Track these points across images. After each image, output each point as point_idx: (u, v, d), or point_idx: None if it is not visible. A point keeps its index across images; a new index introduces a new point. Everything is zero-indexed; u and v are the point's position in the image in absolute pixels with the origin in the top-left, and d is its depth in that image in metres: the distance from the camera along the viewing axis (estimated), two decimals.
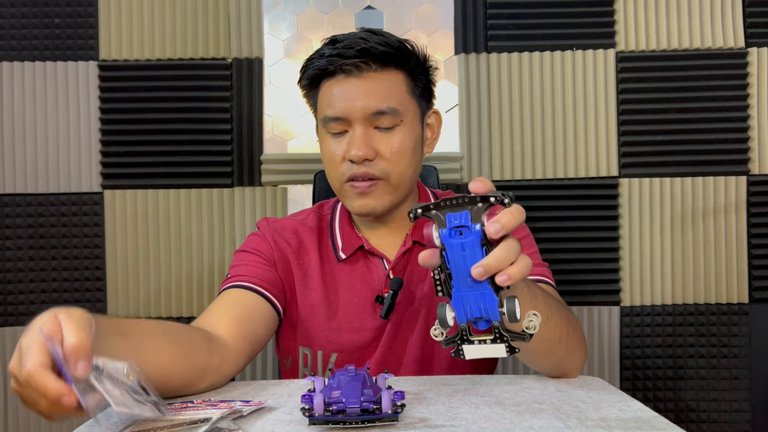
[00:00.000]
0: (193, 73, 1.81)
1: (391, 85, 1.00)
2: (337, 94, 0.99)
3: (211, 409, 0.70)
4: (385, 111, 0.98)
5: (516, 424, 0.67)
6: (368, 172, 0.98)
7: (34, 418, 1.78)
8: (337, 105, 0.99)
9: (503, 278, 0.59)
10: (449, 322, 0.61)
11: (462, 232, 0.60)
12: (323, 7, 1.87)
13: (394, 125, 1.00)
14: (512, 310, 0.59)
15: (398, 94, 1.00)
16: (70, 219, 1.79)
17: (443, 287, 0.62)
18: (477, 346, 0.61)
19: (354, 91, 0.98)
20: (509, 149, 1.79)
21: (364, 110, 0.98)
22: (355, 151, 0.97)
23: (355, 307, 1.04)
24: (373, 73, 0.99)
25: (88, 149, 1.80)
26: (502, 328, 0.61)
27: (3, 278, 1.78)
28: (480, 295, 0.60)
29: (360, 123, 0.99)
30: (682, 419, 1.79)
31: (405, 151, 1.00)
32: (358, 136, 0.98)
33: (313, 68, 1.02)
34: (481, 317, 0.61)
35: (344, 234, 1.08)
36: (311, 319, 1.05)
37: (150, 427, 0.64)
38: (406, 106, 1.01)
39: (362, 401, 0.65)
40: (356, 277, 1.05)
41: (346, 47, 0.98)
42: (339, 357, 1.03)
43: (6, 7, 1.79)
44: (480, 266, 0.59)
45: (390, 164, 0.99)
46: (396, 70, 1.01)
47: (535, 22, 1.79)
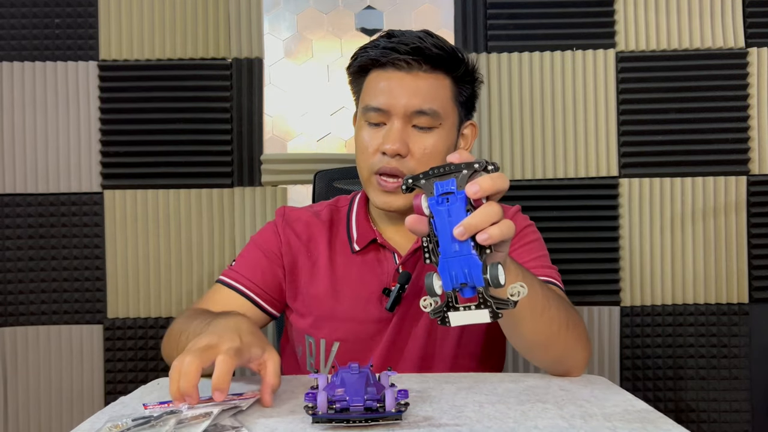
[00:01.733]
0: (193, 73, 1.81)
1: (437, 88, 1.02)
2: (383, 86, 1.01)
3: (208, 404, 0.70)
4: (426, 111, 1.00)
5: (520, 423, 0.67)
6: (398, 168, 1.00)
7: (34, 417, 1.78)
8: (381, 96, 1.01)
9: (484, 237, 0.60)
10: (436, 290, 0.62)
11: (448, 199, 0.62)
12: (323, 7, 1.87)
13: (432, 127, 1.02)
14: (495, 274, 0.60)
15: (442, 99, 1.02)
16: (70, 219, 1.79)
17: (431, 255, 0.63)
18: (462, 312, 0.62)
19: (400, 87, 1.00)
20: (509, 149, 1.79)
21: (406, 107, 1.00)
22: (390, 145, 0.99)
23: (362, 298, 1.06)
24: (423, 73, 1.01)
25: (88, 149, 1.80)
26: (486, 293, 0.61)
27: (3, 278, 1.77)
28: (465, 260, 0.61)
29: (399, 118, 1.00)
30: (682, 419, 1.79)
31: (437, 154, 1.02)
32: (395, 131, 1.00)
33: (366, 56, 1.04)
34: (466, 283, 0.61)
35: (360, 227, 1.10)
36: (316, 308, 1.07)
37: (153, 422, 0.64)
38: (447, 112, 1.03)
39: (366, 400, 0.65)
40: (367, 269, 1.07)
41: (402, 43, 1.00)
42: (342, 346, 1.05)
43: (6, 7, 1.79)
44: (461, 226, 0.60)
45: (419, 164, 1.00)
46: (444, 75, 1.03)
47: (535, 22, 1.79)
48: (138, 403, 0.75)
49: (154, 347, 1.79)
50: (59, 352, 1.79)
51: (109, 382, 1.79)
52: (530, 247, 1.06)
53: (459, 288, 0.62)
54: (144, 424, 0.64)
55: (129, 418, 0.65)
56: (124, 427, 0.63)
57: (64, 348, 1.79)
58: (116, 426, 0.64)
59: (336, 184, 1.45)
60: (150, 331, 1.79)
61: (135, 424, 0.63)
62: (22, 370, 1.78)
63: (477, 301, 0.62)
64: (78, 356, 1.79)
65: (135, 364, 1.80)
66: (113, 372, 1.79)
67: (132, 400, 0.78)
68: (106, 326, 1.79)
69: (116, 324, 1.79)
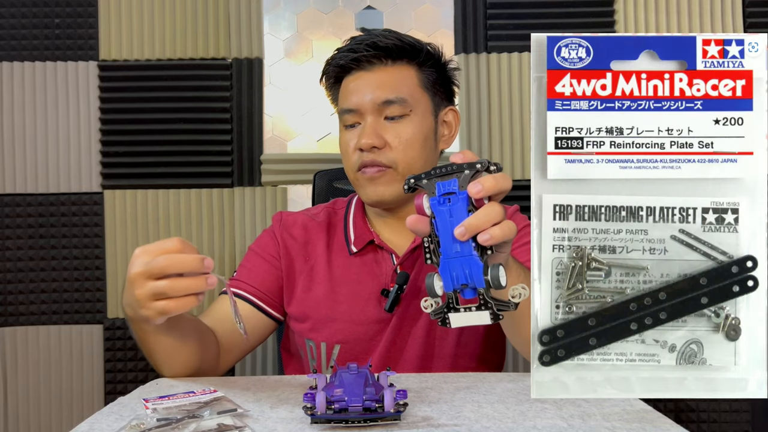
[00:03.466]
0: (193, 73, 1.81)
1: (401, 77, 1.05)
2: (351, 88, 1.05)
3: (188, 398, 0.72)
4: (393, 100, 1.03)
5: (519, 424, 0.67)
6: (376, 160, 1.02)
7: (34, 417, 1.78)
8: (351, 97, 1.05)
9: (485, 237, 0.60)
10: (437, 291, 0.62)
11: (450, 199, 0.62)
12: (323, 7, 1.87)
13: (403, 115, 1.04)
14: (496, 275, 0.60)
15: (408, 86, 1.05)
16: (70, 219, 1.79)
17: (432, 256, 0.63)
18: (462, 313, 0.62)
19: (366, 84, 1.04)
20: (509, 149, 1.79)
21: (373, 101, 1.03)
22: (364, 140, 1.02)
23: (361, 299, 1.06)
24: (384, 67, 1.05)
25: (88, 149, 1.80)
26: (487, 294, 0.61)
27: (3, 278, 1.78)
28: (466, 261, 0.61)
29: (370, 113, 1.03)
30: (682, 419, 1.79)
31: (413, 141, 1.04)
32: (368, 126, 1.03)
33: (333, 66, 1.09)
34: (467, 284, 0.61)
35: (357, 228, 1.11)
36: (315, 312, 1.07)
37: (174, 425, 0.64)
38: (416, 98, 1.05)
39: (365, 400, 0.65)
40: (365, 270, 1.07)
41: (358, 43, 1.06)
42: (342, 349, 1.05)
43: (6, 7, 1.79)
44: (462, 226, 0.60)
45: (398, 153, 1.03)
46: (407, 64, 1.06)
47: (535, 23, 1.79)
48: (137, 404, 0.76)
49: None
50: (59, 352, 1.79)
51: (109, 382, 1.79)
52: (528, 248, 1.06)
53: (460, 289, 0.61)
54: (166, 425, 0.64)
55: (153, 417, 0.66)
56: (147, 426, 0.64)
57: (64, 348, 1.79)
58: (141, 423, 0.65)
59: (336, 184, 1.45)
60: None
61: (159, 425, 0.64)
62: (22, 370, 1.78)
63: (478, 302, 0.61)
64: (78, 356, 1.79)
65: (135, 364, 1.80)
66: (113, 372, 1.79)
67: (131, 400, 0.78)
68: (106, 326, 1.80)
69: (116, 324, 1.79)
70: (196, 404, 0.71)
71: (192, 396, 0.74)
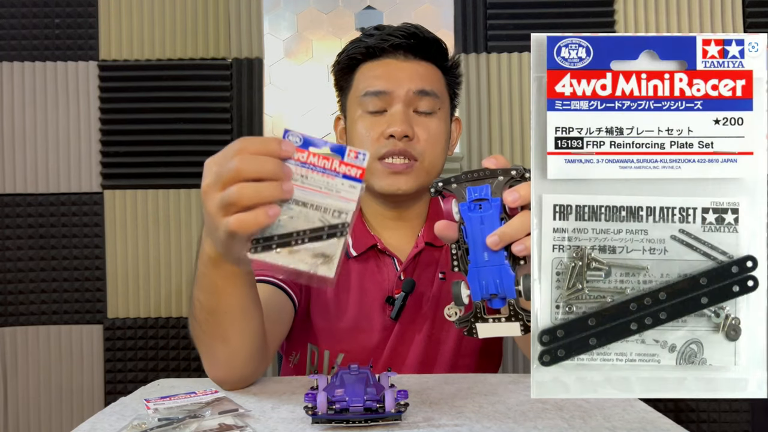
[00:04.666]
0: (193, 73, 1.81)
1: (433, 74, 1.03)
2: (380, 72, 1.01)
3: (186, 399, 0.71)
4: (428, 92, 1.00)
5: (519, 424, 0.67)
6: (406, 149, 0.99)
7: (34, 417, 1.78)
8: (380, 81, 1.00)
9: (520, 248, 0.58)
10: (464, 299, 0.60)
11: (481, 205, 0.60)
12: (323, 7, 1.87)
13: (433, 110, 1.02)
14: (528, 287, 0.57)
15: (438, 83, 1.04)
16: (70, 219, 1.79)
17: (460, 263, 0.61)
18: (491, 324, 0.60)
19: (399, 71, 1.01)
20: (509, 149, 1.80)
21: (408, 88, 0.99)
22: (399, 127, 0.97)
23: (365, 307, 1.03)
24: (416, 60, 1.02)
25: (88, 149, 1.80)
26: (518, 305, 0.59)
27: (3, 278, 1.78)
28: (496, 270, 0.59)
29: (401, 101, 1.00)
30: (682, 419, 1.79)
31: (440, 137, 1.02)
32: (400, 113, 0.99)
33: (361, 45, 1.03)
34: (496, 294, 0.59)
35: (356, 230, 1.07)
36: (321, 318, 1.04)
37: (176, 424, 0.65)
38: (444, 97, 1.04)
39: (365, 400, 0.65)
40: (367, 276, 1.05)
41: (398, 30, 1.01)
42: (345, 357, 1.03)
43: (6, 7, 1.79)
44: (495, 234, 0.58)
45: (425, 147, 1.00)
46: (434, 65, 1.04)
47: (535, 23, 1.79)
48: (138, 404, 0.76)
49: (153, 347, 1.80)
50: (59, 352, 1.79)
51: (109, 382, 1.79)
52: None
53: (488, 298, 0.60)
54: (167, 425, 0.64)
55: (155, 417, 0.66)
56: (149, 426, 0.64)
57: (64, 348, 1.79)
58: (143, 423, 0.65)
59: None
60: (150, 331, 1.80)
61: (160, 425, 0.64)
62: (22, 370, 1.78)
63: (507, 313, 0.59)
64: (78, 356, 1.79)
65: (135, 364, 1.80)
66: (113, 372, 1.79)
67: (132, 400, 0.78)
68: (106, 326, 1.80)
69: (116, 324, 1.79)
70: (197, 404, 0.71)
71: (193, 396, 0.74)
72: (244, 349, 0.78)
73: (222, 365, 0.79)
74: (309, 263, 0.60)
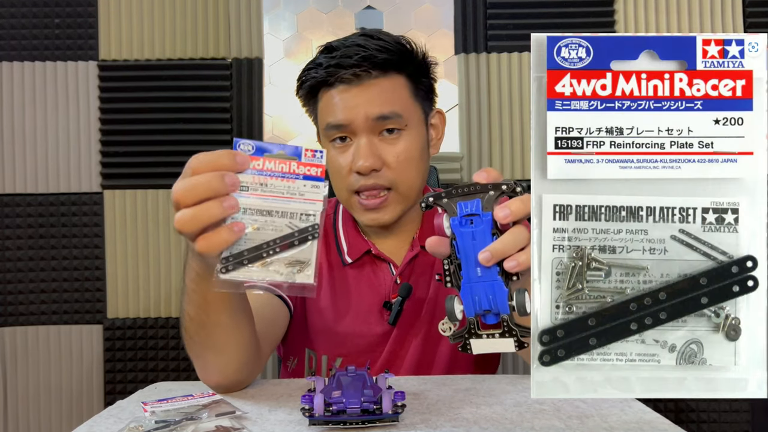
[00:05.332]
0: (193, 73, 1.81)
1: (393, 90, 0.96)
2: (338, 102, 0.95)
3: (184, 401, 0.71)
4: (388, 116, 0.94)
5: (517, 425, 0.67)
6: (377, 183, 0.95)
7: (34, 417, 1.78)
8: (339, 113, 0.95)
9: (512, 264, 0.57)
10: (458, 315, 0.60)
11: (473, 220, 0.59)
12: (323, 7, 1.87)
13: (399, 131, 0.96)
14: (522, 302, 0.58)
15: (401, 99, 0.97)
16: (70, 219, 1.79)
17: (452, 278, 0.60)
18: (485, 340, 0.60)
19: (355, 100, 0.94)
20: (509, 149, 1.79)
21: (366, 117, 0.94)
22: (362, 162, 0.93)
23: (362, 312, 1.02)
24: (374, 80, 0.95)
25: (88, 149, 1.80)
26: (512, 321, 0.59)
27: (3, 278, 1.78)
28: (489, 286, 0.58)
29: (364, 131, 0.95)
30: (682, 419, 1.78)
31: (411, 159, 0.97)
32: (363, 146, 0.94)
33: (311, 79, 0.98)
34: (489, 310, 0.59)
35: (350, 237, 1.06)
36: (319, 323, 1.04)
37: (173, 427, 0.64)
38: (409, 111, 0.98)
39: (363, 401, 0.65)
40: (363, 282, 1.04)
41: (344, 56, 0.94)
42: (343, 362, 1.02)
43: (6, 7, 1.79)
44: (487, 251, 0.57)
45: (397, 173, 0.96)
46: (397, 74, 0.97)
47: (535, 22, 1.79)
48: (135, 406, 0.75)
49: (153, 347, 1.79)
50: (59, 352, 1.79)
51: (109, 382, 1.79)
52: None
53: (482, 314, 0.59)
54: (164, 428, 0.64)
55: (152, 420, 0.66)
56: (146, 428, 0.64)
57: (64, 348, 1.79)
58: (139, 426, 0.64)
59: None
60: (150, 331, 1.79)
61: (157, 427, 0.64)
62: (22, 370, 1.78)
63: (501, 328, 0.59)
64: (78, 356, 1.79)
65: (135, 365, 1.80)
66: (113, 372, 1.79)
67: (129, 403, 0.78)
68: (106, 326, 1.79)
69: (116, 324, 1.79)
70: (194, 407, 0.71)
71: (190, 399, 0.74)
72: (236, 358, 0.79)
73: (215, 373, 0.80)
74: (285, 273, 0.59)
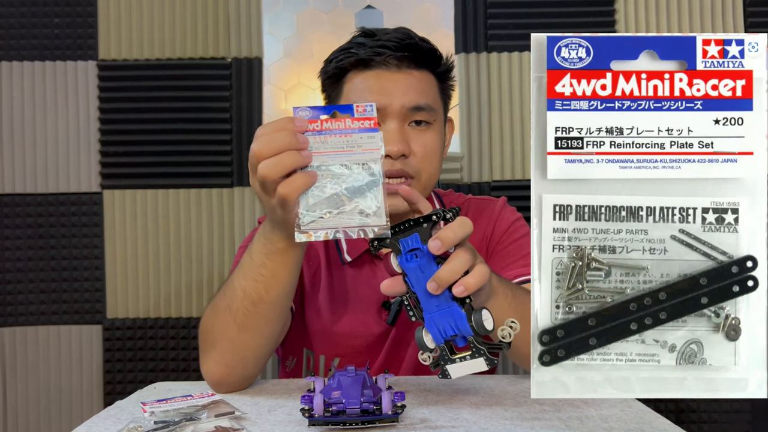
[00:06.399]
0: (193, 73, 1.81)
1: (426, 83, 0.99)
2: (373, 86, 0.96)
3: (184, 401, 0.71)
4: (423, 107, 0.96)
5: (517, 425, 0.67)
6: (403, 169, 0.95)
7: (34, 418, 1.78)
8: (372, 96, 0.95)
9: (459, 289, 0.60)
10: (428, 345, 0.62)
11: (417, 254, 0.62)
12: (323, 6, 1.87)
13: (428, 124, 0.98)
14: (479, 321, 0.60)
15: (433, 94, 0.99)
16: (70, 219, 1.79)
17: (414, 311, 0.63)
18: (458, 364, 0.62)
19: (393, 85, 0.95)
20: (509, 149, 1.79)
21: (402, 104, 0.95)
22: (393, 146, 0.93)
23: (360, 312, 1.02)
24: (413, 70, 0.97)
25: (88, 149, 1.79)
26: (477, 341, 0.61)
27: (3, 278, 1.77)
28: (448, 313, 0.61)
29: (395, 118, 0.95)
30: (682, 419, 1.78)
31: (436, 151, 0.99)
32: (395, 131, 0.95)
33: (352, 56, 0.97)
34: (456, 334, 0.61)
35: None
36: (317, 323, 1.04)
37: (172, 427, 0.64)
38: (438, 108, 1.01)
39: (362, 402, 0.65)
40: (362, 281, 1.04)
41: (391, 40, 0.96)
42: (341, 362, 1.02)
43: (6, 7, 1.79)
44: (432, 281, 0.60)
45: (422, 163, 0.97)
46: (429, 72, 1.00)
47: (535, 22, 1.79)
48: (134, 407, 0.75)
49: (153, 347, 1.79)
50: (59, 352, 1.79)
51: (109, 383, 1.79)
52: (520, 244, 1.03)
53: (451, 339, 0.62)
54: (163, 428, 0.64)
55: (151, 420, 0.66)
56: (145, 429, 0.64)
57: (64, 348, 1.79)
58: (139, 426, 0.65)
59: None
60: (149, 332, 1.79)
61: (156, 427, 0.64)
62: (22, 370, 1.78)
63: (470, 350, 0.61)
64: (77, 356, 1.79)
65: (134, 365, 1.80)
66: (112, 372, 1.79)
67: (128, 404, 0.78)
68: (105, 326, 1.79)
69: (116, 324, 1.79)
70: (193, 407, 0.71)
71: (190, 399, 0.74)
72: (269, 342, 0.82)
73: (231, 361, 0.80)
74: (358, 219, 0.62)
